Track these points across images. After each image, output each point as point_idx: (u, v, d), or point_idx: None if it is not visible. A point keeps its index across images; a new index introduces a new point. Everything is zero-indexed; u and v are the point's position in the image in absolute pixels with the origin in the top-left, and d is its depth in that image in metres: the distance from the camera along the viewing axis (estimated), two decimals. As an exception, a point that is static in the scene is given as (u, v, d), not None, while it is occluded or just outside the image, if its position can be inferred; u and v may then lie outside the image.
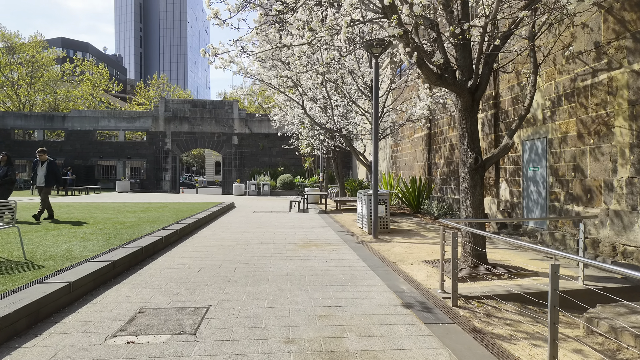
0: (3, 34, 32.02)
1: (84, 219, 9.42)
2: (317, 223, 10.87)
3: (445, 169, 13.69)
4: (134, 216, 10.14)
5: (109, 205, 13.90)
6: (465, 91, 5.26)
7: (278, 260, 5.94)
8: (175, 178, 30.99)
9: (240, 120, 31.32)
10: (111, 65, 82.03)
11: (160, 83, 40.69)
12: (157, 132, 30.56)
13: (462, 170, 5.50)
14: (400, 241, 7.83)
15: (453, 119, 13.09)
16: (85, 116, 30.17)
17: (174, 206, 13.80)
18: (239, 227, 9.63)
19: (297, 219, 11.69)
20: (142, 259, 5.73)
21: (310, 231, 9.17)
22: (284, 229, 9.52)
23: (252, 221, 11.00)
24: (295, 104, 12.51)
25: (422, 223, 10.83)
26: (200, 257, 6.12)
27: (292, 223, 10.73)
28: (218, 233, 8.67)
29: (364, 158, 11.27)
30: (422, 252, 6.74)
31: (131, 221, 9.08)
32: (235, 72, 9.70)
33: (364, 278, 4.98)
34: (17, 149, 29.70)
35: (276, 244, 7.32)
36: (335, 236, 8.46)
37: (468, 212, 5.43)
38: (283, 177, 27.84)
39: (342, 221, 11.41)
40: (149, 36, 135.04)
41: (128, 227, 8.02)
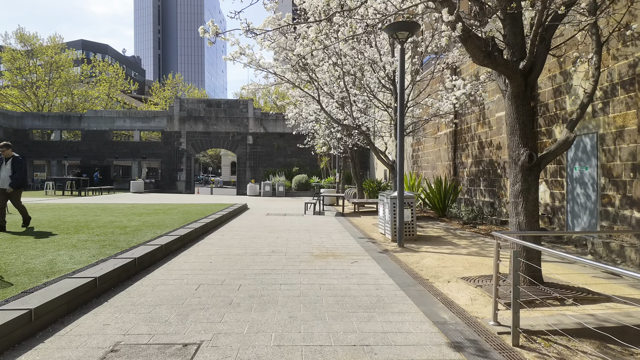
0: (22, 35, 32.32)
1: (85, 222, 8.82)
2: (334, 227, 10.01)
3: (473, 169, 12.63)
4: (139, 219, 9.49)
5: (117, 206, 13.38)
6: (517, 74, 4.31)
7: (290, 274, 5.11)
8: (190, 178, 30.64)
9: (255, 120, 30.74)
10: (130, 67, 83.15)
11: (176, 83, 40.54)
12: (172, 132, 30.27)
13: (512, 170, 4.54)
14: (430, 251, 6.89)
15: (482, 114, 12.04)
16: (101, 116, 30.12)
17: (185, 208, 13.16)
18: (250, 232, 8.85)
19: (312, 223, 10.86)
20: (134, 272, 4.99)
21: (327, 237, 8.32)
22: (299, 234, 8.70)
23: (264, 225, 10.23)
24: (310, 99, 11.68)
25: (450, 228, 9.83)
26: (202, 269, 5.35)
27: (307, 227, 9.90)
28: (226, 239, 7.91)
29: (384, 157, 10.35)
30: (457, 265, 5.80)
31: (134, 225, 8.42)
32: (246, 64, 8.94)
33: (394, 302, 4.09)
34: (35, 149, 29.89)
35: (289, 254, 6.49)
36: (354, 244, 7.58)
37: (520, 221, 4.47)
38: (298, 177, 27.08)
39: (361, 225, 10.51)
40: (167, 38, 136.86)
41: (128, 233, 7.33)
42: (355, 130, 10.07)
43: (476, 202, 12.15)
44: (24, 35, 32.27)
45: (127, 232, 7.37)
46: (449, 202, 12.22)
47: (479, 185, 12.28)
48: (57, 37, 33.27)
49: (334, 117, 10.11)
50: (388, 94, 10.46)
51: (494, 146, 11.30)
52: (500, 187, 10.82)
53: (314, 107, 10.79)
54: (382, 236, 8.60)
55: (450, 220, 11.41)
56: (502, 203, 10.68)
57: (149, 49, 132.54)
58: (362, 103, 11.06)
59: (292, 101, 17.93)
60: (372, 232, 9.26)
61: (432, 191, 12.41)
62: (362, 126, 10.42)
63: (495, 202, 11.05)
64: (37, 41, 32.77)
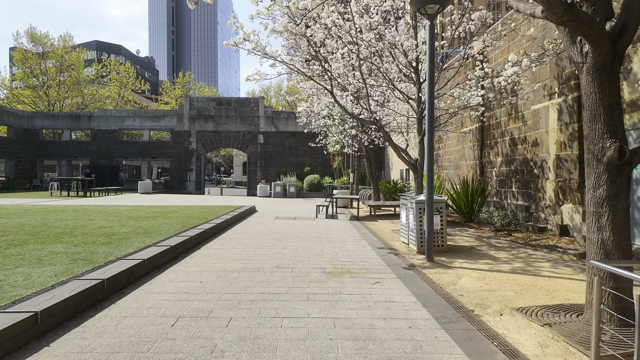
0: (33, 34, 32.13)
1: (71, 228, 7.93)
2: (349, 234, 8.91)
3: (503, 169, 11.36)
4: (132, 225, 8.57)
5: (117, 209, 12.54)
6: (604, 37, 3.14)
7: (296, 302, 4.04)
8: (200, 178, 29.91)
9: (266, 118, 29.84)
10: (143, 67, 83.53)
11: (186, 81, 39.95)
12: (181, 131, 29.59)
13: (593, 169, 3.38)
14: (466, 266, 5.73)
15: (515, 107, 10.77)
16: (111, 115, 29.64)
17: (187, 211, 12.24)
18: (254, 241, 7.82)
19: (324, 229, 9.78)
20: (102, 297, 3.99)
21: (342, 247, 7.22)
22: (309, 243, 7.63)
23: (271, 230, 9.20)
24: (322, 92, 10.62)
25: (482, 236, 8.62)
26: (188, 292, 4.33)
27: (319, 234, 8.83)
28: (226, 249, 6.89)
29: (406, 155, 9.21)
30: (504, 287, 4.64)
31: (123, 232, 7.48)
32: (250, 50, 7.93)
33: (436, 350, 2.98)
34: (45, 149, 29.60)
35: (297, 269, 5.43)
36: (374, 256, 6.46)
37: (604, 239, 3.30)
38: (310, 177, 26.04)
39: (379, 232, 9.38)
40: (181, 39, 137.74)
41: (112, 242, 6.38)
42: (372, 125, 8.96)
43: (508, 206, 10.88)
44: (35, 35, 32.07)
45: (112, 242, 6.41)
46: (477, 205, 10.99)
47: (510, 187, 11.01)
48: (67, 35, 33.00)
49: (348, 110, 9.00)
50: (410, 84, 9.31)
51: (529, 143, 10.04)
52: (538, 188, 9.55)
53: (326, 100, 9.72)
54: (405, 246, 7.46)
55: (479, 227, 10.18)
56: (540, 207, 9.42)
57: (163, 50, 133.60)
58: (380, 95, 9.94)
59: (302, 97, 16.90)
60: (392, 241, 8.12)
61: (458, 193, 11.19)
62: (380, 120, 9.27)
63: (531, 205, 9.78)
64: (48, 40, 32.55)
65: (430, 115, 6.12)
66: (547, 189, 9.22)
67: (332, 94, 8.65)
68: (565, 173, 8.60)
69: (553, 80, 9.04)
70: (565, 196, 8.62)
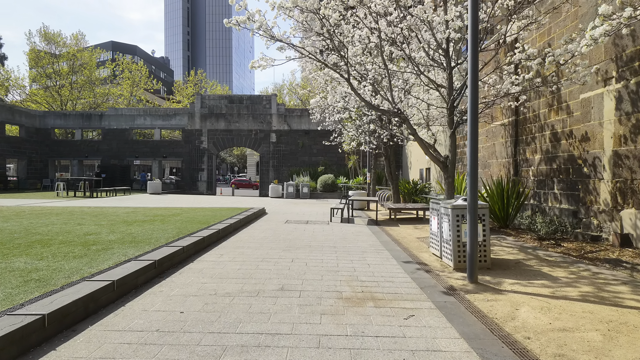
0: (46, 33, 31.94)
1: (52, 235, 7.00)
2: (368, 243, 7.75)
3: (543, 168, 10.02)
4: (123, 231, 7.60)
5: (116, 211, 11.67)
6: None
7: (303, 351, 2.92)
8: (211, 178, 29.14)
9: (278, 116, 28.86)
10: (158, 68, 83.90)
11: (199, 79, 39.31)
12: (193, 130, 28.88)
13: None
14: (519, 290, 4.52)
15: (557, 97, 9.42)
16: (122, 114, 29.15)
17: (190, 214, 11.28)
18: (258, 251, 6.74)
19: (340, 235, 8.64)
20: (36, 342, 2.95)
21: (361, 261, 6.07)
22: (322, 254, 6.50)
23: (279, 238, 8.11)
24: (337, 83, 9.48)
25: (525, 247, 7.34)
26: (161, 330, 3.26)
27: (334, 242, 7.69)
28: (224, 262, 5.83)
29: (434, 152, 8.01)
30: (583, 324, 3.42)
31: (108, 241, 6.50)
32: (255, 30, 6.87)
33: None
34: (56, 148, 29.31)
35: (306, 293, 4.31)
36: (401, 274, 5.30)
37: None
38: (324, 177, 24.91)
39: (402, 240, 8.19)
40: (196, 39, 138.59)
41: (88, 255, 5.39)
42: (395, 117, 7.78)
43: (550, 210, 9.53)
44: (47, 34, 31.87)
45: (88, 254, 5.42)
46: (512, 209, 9.67)
47: (551, 188, 9.66)
48: (79, 34, 32.72)
49: (367, 101, 7.82)
50: (439, 69, 8.09)
51: (577, 138, 8.68)
52: (588, 190, 8.20)
53: (342, 90, 8.59)
54: (437, 260, 6.26)
55: (518, 234, 8.87)
56: (592, 212, 8.06)
57: (179, 50, 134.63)
58: (404, 83, 8.73)
59: (316, 91, 15.78)
60: (419, 252, 6.93)
61: (491, 195, 9.89)
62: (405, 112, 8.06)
63: (580, 210, 8.43)
64: (61, 39, 32.32)
65: (474, 97, 4.92)
66: (601, 190, 7.86)
67: (349, 82, 7.50)
68: (625, 172, 7.24)
69: (609, 63, 7.68)
70: (625, 200, 7.26)
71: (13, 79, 31.93)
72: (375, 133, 12.29)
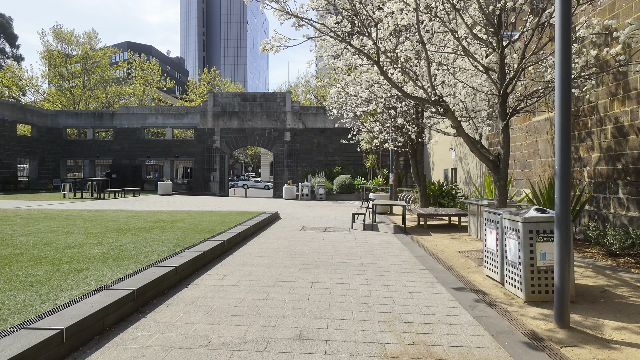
0: (59, 32, 31.55)
1: (28, 246, 5.93)
2: (401, 258, 6.44)
3: (602, 168, 8.51)
4: (112, 243, 6.49)
5: (116, 216, 10.65)
6: None
7: None
8: (224, 179, 28.18)
9: (293, 114, 27.70)
10: (174, 68, 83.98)
11: (212, 77, 38.47)
12: (205, 129, 27.98)
13: None
14: (634, 341, 3.16)
15: (622, 85, 7.92)
16: (133, 113, 28.46)
17: (197, 219, 10.16)
18: (269, 269, 5.51)
19: (366, 247, 7.35)
20: None
21: (399, 287, 4.78)
22: (348, 275, 5.23)
23: (294, 250, 6.87)
24: (360, 71, 8.19)
25: (599, 266, 5.90)
26: None
27: (360, 257, 6.41)
28: (226, 287, 4.62)
29: (482, 149, 6.65)
30: None
31: (87, 257, 5.37)
32: (264, 3, 5.68)
33: None
34: (68, 148, 28.82)
35: (333, 348, 3.04)
36: (458, 310, 3.98)
37: None
38: (341, 178, 23.60)
39: (441, 254, 6.85)
40: (211, 40, 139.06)
41: (51, 280, 4.25)
42: (435, 106, 6.45)
43: (614, 219, 8.03)
44: (60, 32, 31.49)
45: (53, 278, 4.27)
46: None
47: (615, 192, 8.16)
48: (92, 32, 32.24)
49: (400, 87, 6.50)
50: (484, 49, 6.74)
51: (653, 132, 7.18)
52: (671, 196, 6.69)
53: (369, 77, 7.29)
54: (496, 285, 4.90)
55: (578, 247, 7.41)
56: (677, 222, 6.56)
57: (194, 51, 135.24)
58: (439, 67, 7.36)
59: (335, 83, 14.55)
60: (468, 272, 5.58)
61: (540, 199, 8.44)
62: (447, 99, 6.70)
63: (659, 220, 6.93)
64: (75, 38, 31.91)
65: (566, 77, 3.55)
66: (691, 196, 6.37)
67: (378, 64, 6.20)
68: None
69: None
70: None
71: (26, 78, 31.66)
72: (402, 129, 10.93)
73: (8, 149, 24.68)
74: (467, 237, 8.85)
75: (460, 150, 18.30)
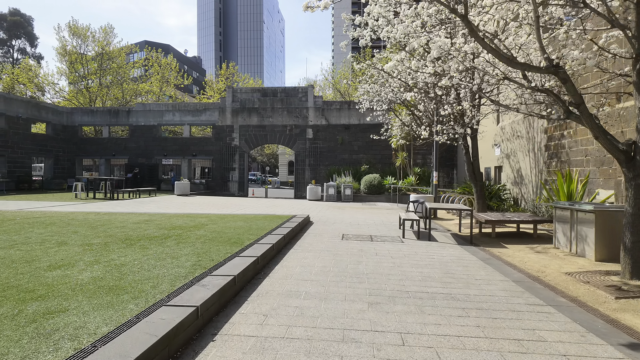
0: (75, 27, 30.76)
1: (4, 265, 4.44)
2: (498, 285, 4.70)
3: None
4: (112, 261, 4.96)
5: (125, 220, 9.21)
6: None
7: None
8: (243, 179, 26.78)
9: (315, 110, 26.07)
10: (191, 67, 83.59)
11: (230, 73, 37.16)
12: (223, 126, 26.63)
13: None
14: None
15: None
16: (150, 110, 27.34)
17: (219, 225, 8.63)
18: (326, 307, 3.85)
19: (439, 268, 5.62)
20: None
21: (539, 345, 3.05)
22: (446, 321, 3.52)
23: (347, 271, 5.21)
24: (426, 37, 6.46)
25: None
26: None
27: (442, 286, 4.69)
28: (271, 345, 2.98)
29: (609, 137, 4.85)
30: None
31: (74, 285, 3.85)
32: None
33: None
34: (83, 147, 27.93)
35: None
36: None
37: None
38: (369, 177, 21.84)
39: (545, 277, 5.08)
40: (228, 39, 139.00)
41: (6, 332, 2.70)
42: (551, 74, 4.70)
43: None
44: (76, 28, 30.68)
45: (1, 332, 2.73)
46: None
47: None
48: (108, 27, 31.34)
49: (497, 49, 4.75)
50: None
51: None
52: None
53: (443, 42, 5.59)
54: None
55: None
56: None
57: (211, 51, 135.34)
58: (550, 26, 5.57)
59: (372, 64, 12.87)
60: (609, 309, 3.82)
61: None
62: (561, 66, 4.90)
63: None
64: (90, 33, 31.08)
65: None
66: None
67: (466, 19, 4.49)
68: None
69: None
70: None
71: (43, 76, 31.00)
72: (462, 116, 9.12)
73: (22, 148, 23.84)
74: (555, 251, 7.03)
75: (507, 147, 16.32)
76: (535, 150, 13.77)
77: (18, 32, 50.14)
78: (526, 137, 14.51)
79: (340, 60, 65.63)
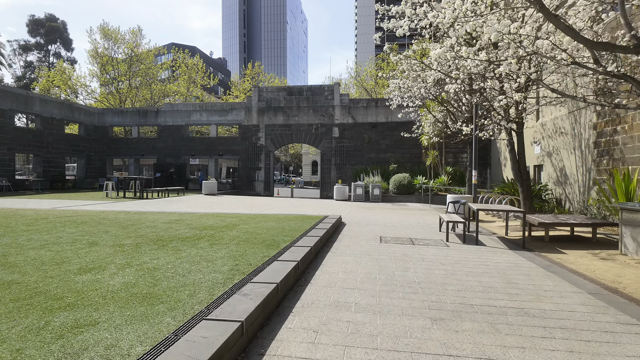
0: (106, 29, 31.50)
1: (28, 270, 4.22)
2: (574, 299, 4.09)
3: None
4: (145, 264, 4.66)
5: (155, 220, 9.02)
6: None
7: None
8: (269, 178, 26.62)
9: (341, 108, 25.57)
10: (216, 69, 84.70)
11: (256, 72, 37.17)
12: (249, 125, 26.55)
13: None
14: None
15: None
16: (177, 110, 27.60)
17: (251, 225, 8.29)
18: (383, 323, 3.36)
19: (498, 277, 5.04)
20: None
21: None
22: (530, 344, 2.96)
23: (395, 279, 4.70)
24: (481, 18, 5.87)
25: None
26: None
27: (509, 298, 4.12)
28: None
29: None
30: None
31: (106, 293, 3.53)
32: None
33: None
34: (114, 147, 28.50)
35: None
36: None
37: None
38: (398, 177, 21.14)
39: (625, 289, 4.42)
40: (252, 40, 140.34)
41: (22, 353, 2.36)
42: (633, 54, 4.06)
43: None
44: (107, 30, 31.40)
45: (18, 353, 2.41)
46: None
47: None
48: (137, 30, 31.92)
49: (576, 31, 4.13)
50: None
51: None
52: None
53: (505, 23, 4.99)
54: None
55: None
56: None
57: (235, 53, 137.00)
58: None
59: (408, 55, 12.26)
60: None
61: None
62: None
63: None
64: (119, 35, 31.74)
65: None
66: None
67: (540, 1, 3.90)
68: None
69: None
70: None
71: (75, 78, 31.88)
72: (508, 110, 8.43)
73: (56, 148, 24.50)
74: (623, 257, 6.28)
75: (548, 144, 15.31)
76: (582, 147, 12.78)
77: (54, 37, 52.06)
78: (571, 133, 13.50)
79: (363, 60, 64.76)
